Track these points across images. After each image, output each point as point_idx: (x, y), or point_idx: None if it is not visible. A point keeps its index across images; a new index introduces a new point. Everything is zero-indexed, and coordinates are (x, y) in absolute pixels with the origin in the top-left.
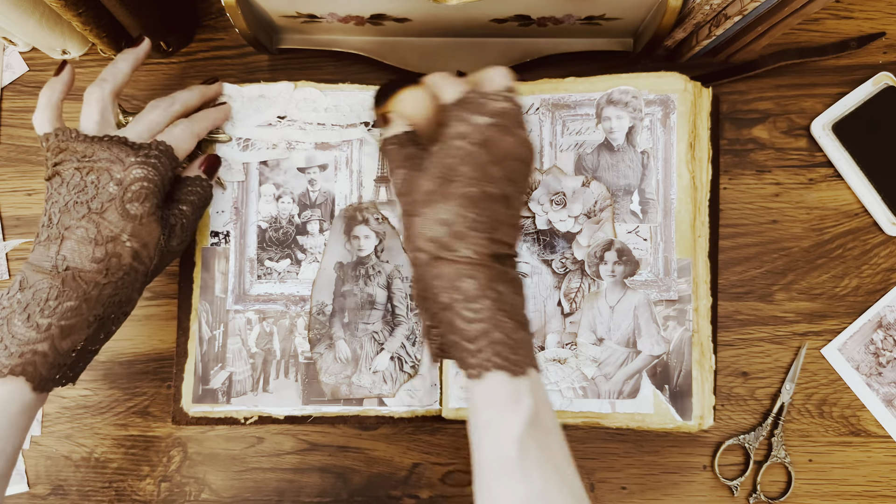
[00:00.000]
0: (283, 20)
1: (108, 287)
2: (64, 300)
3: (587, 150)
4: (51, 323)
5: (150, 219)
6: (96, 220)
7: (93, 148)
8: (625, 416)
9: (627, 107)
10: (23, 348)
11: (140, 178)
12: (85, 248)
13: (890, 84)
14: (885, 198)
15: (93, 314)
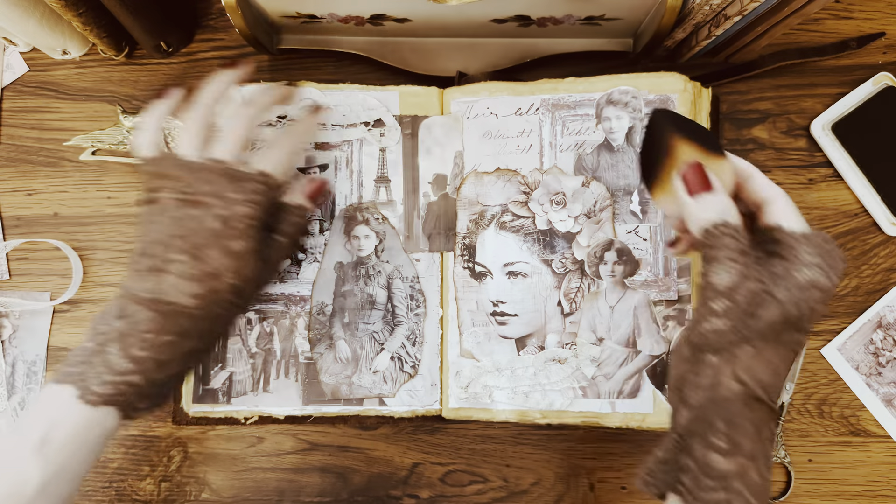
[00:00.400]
0: (283, 20)
1: (205, 321)
2: (162, 334)
3: (587, 151)
4: (147, 356)
5: (251, 255)
6: (197, 254)
7: (194, 176)
8: (625, 416)
9: (627, 107)
10: (116, 378)
11: (243, 215)
12: (185, 283)
13: (889, 84)
14: (884, 198)
15: (188, 347)
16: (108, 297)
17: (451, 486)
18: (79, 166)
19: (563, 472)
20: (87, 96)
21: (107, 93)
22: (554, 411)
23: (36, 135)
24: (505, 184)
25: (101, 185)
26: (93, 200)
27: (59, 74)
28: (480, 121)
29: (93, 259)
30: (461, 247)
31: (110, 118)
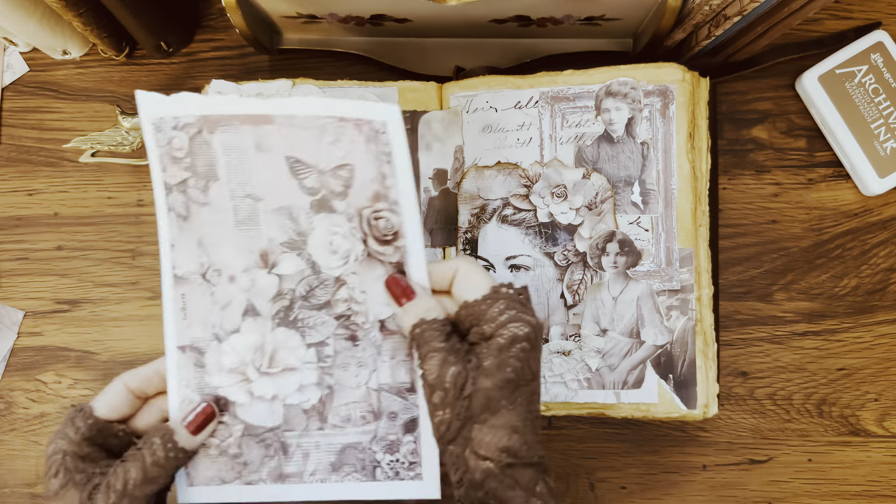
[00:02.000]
0: (283, 20)
1: None
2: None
3: (587, 143)
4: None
5: (71, 488)
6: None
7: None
8: (630, 407)
9: (626, 98)
10: None
11: (50, 454)
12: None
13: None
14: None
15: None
16: (108, 297)
17: (450, 486)
18: (79, 166)
19: (563, 471)
20: (88, 96)
21: (107, 93)
22: (559, 403)
23: (36, 135)
24: (506, 177)
25: (101, 185)
26: (93, 200)
27: (59, 74)
28: (480, 115)
29: (93, 259)
30: (463, 241)
31: (110, 118)
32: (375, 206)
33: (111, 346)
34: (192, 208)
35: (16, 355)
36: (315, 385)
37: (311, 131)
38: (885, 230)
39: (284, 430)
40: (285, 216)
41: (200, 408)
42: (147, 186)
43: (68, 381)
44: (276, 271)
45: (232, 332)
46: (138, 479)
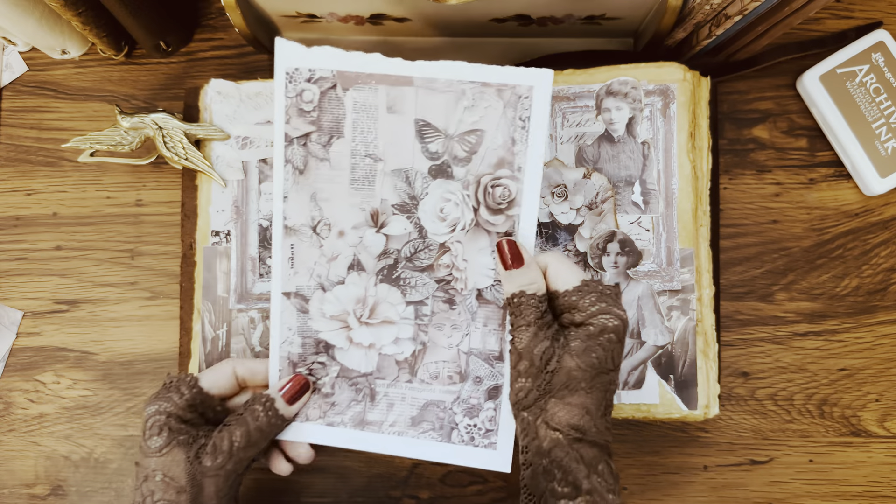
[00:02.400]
0: (283, 20)
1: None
2: None
3: (587, 142)
4: None
5: (175, 449)
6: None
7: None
8: (630, 407)
9: (627, 97)
10: None
11: (151, 413)
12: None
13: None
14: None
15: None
16: (107, 298)
17: (450, 486)
18: (78, 166)
19: None
20: (87, 96)
21: (106, 92)
22: None
23: (35, 134)
24: None
25: (100, 184)
26: (92, 200)
27: (58, 74)
28: None
29: (92, 259)
30: None
31: (110, 118)
32: (497, 172)
33: (110, 346)
34: (311, 163)
35: (14, 356)
36: (410, 339)
37: (448, 95)
38: (887, 230)
39: (376, 378)
40: (401, 179)
41: (298, 381)
42: (146, 186)
43: (67, 382)
44: (385, 231)
45: (337, 284)
46: (242, 442)
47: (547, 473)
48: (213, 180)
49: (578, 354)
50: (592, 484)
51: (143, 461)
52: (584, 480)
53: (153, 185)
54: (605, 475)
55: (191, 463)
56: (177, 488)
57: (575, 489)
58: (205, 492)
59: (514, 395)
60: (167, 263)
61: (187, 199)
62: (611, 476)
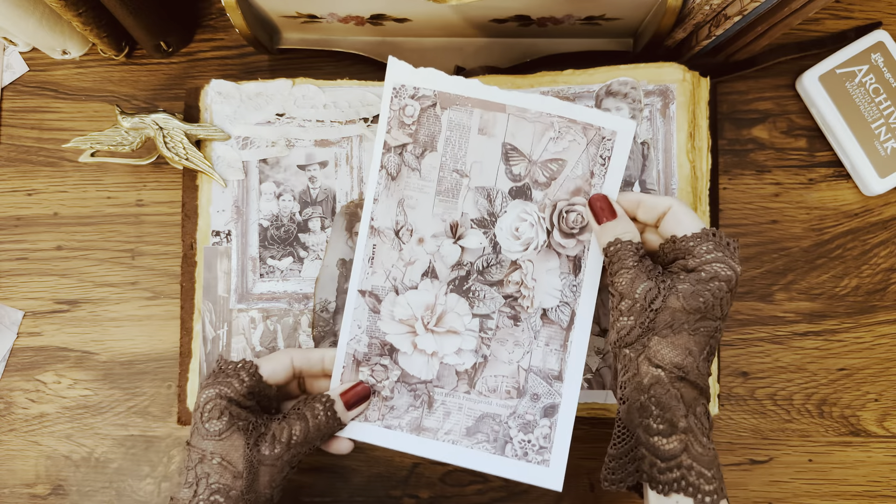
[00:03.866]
0: (283, 20)
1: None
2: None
3: None
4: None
5: (233, 434)
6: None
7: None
8: None
9: (627, 98)
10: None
11: (209, 397)
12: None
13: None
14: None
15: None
16: (108, 297)
17: (450, 486)
18: (78, 166)
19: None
20: (87, 96)
21: (107, 93)
22: None
23: (36, 135)
24: None
25: (100, 185)
26: (92, 200)
27: (58, 74)
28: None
29: (93, 259)
30: None
31: (110, 118)
32: (572, 199)
33: (111, 346)
34: (403, 171)
35: (15, 355)
36: (472, 351)
37: (537, 125)
38: (886, 230)
39: (435, 386)
40: (483, 196)
41: (360, 388)
42: (147, 186)
43: (68, 382)
44: (462, 243)
45: (410, 288)
46: (301, 437)
47: (644, 409)
48: (214, 180)
49: (685, 296)
50: (689, 424)
51: (198, 443)
52: (682, 419)
53: (154, 186)
54: (702, 417)
55: (249, 449)
56: (233, 473)
57: (671, 427)
58: (260, 479)
59: (615, 333)
60: (168, 263)
61: (188, 199)
62: (707, 420)
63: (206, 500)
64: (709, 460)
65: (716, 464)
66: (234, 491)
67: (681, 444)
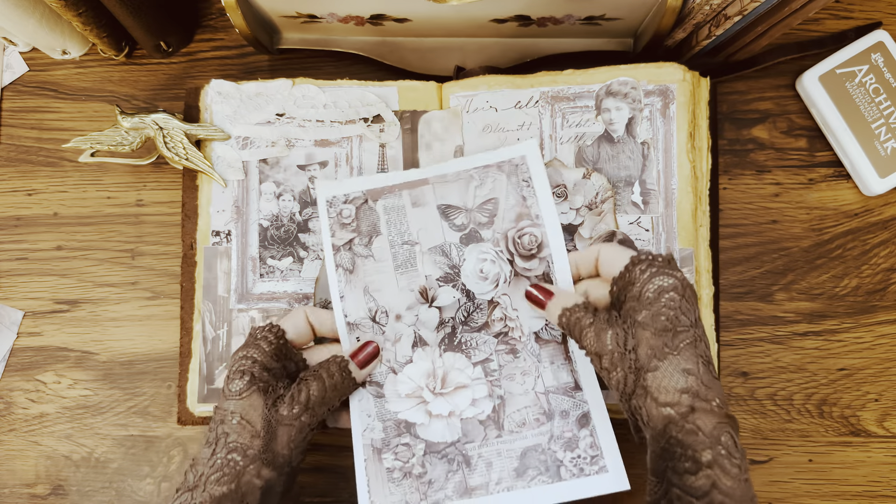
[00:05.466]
0: (283, 20)
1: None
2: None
3: (587, 142)
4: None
5: (253, 394)
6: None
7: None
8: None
9: (627, 98)
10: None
11: (238, 357)
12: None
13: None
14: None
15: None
16: (108, 297)
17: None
18: (78, 166)
19: None
20: (87, 96)
21: (106, 93)
22: None
23: (36, 135)
24: None
25: (100, 185)
26: (92, 200)
27: (58, 74)
28: (480, 115)
29: (92, 259)
30: None
31: (110, 118)
32: (519, 224)
33: (111, 346)
34: (357, 262)
35: (15, 355)
36: (486, 397)
37: (459, 182)
38: (886, 230)
39: (465, 443)
40: (439, 254)
41: (370, 348)
42: (147, 186)
43: (68, 382)
44: (436, 304)
45: (405, 364)
46: (318, 397)
47: (665, 454)
48: (214, 180)
49: (647, 323)
50: (713, 456)
51: (222, 404)
52: (705, 453)
53: (154, 186)
54: (730, 447)
55: (268, 409)
56: (252, 432)
57: (696, 463)
58: (278, 439)
59: (615, 390)
60: (168, 263)
61: (188, 200)
62: (735, 447)
63: (223, 459)
64: (741, 494)
65: (750, 495)
66: (252, 450)
67: (708, 480)
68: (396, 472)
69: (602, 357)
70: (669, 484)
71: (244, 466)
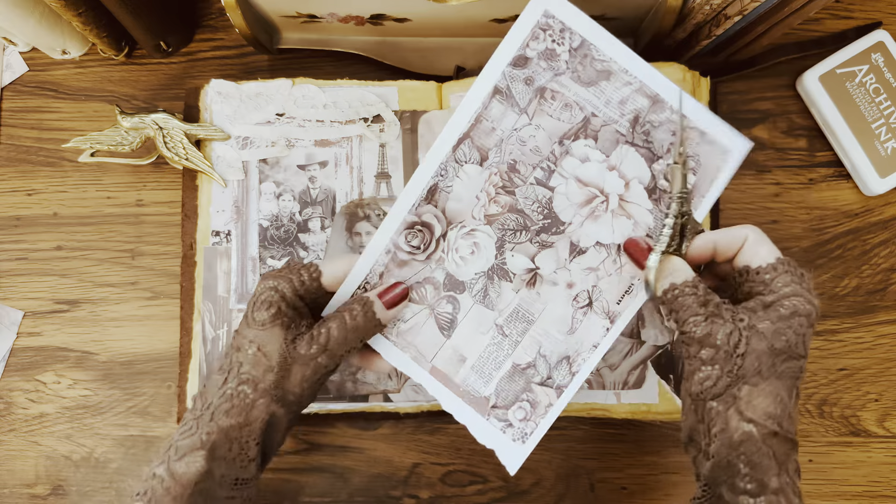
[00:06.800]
0: (283, 20)
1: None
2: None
3: None
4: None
5: (276, 327)
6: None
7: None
8: (630, 407)
9: None
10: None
11: (265, 288)
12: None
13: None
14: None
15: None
16: (107, 297)
17: (450, 486)
18: (78, 166)
19: (563, 472)
20: (87, 96)
21: (106, 92)
22: None
23: (35, 135)
24: None
25: (100, 185)
26: (92, 200)
27: (58, 74)
28: None
29: (92, 259)
30: None
31: (110, 118)
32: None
33: (110, 346)
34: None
35: (15, 355)
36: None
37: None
38: (886, 230)
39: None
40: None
41: (399, 289)
42: (147, 186)
43: (68, 382)
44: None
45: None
46: (339, 338)
47: (730, 467)
48: (214, 180)
49: (768, 337)
50: (781, 483)
51: (242, 330)
52: (774, 478)
53: (153, 186)
54: (794, 476)
55: (286, 345)
56: (266, 366)
57: (761, 487)
58: (291, 377)
59: (697, 385)
60: (167, 263)
61: (188, 199)
62: (798, 477)
63: (233, 390)
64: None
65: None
66: (263, 384)
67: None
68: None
69: (704, 347)
70: (720, 499)
71: (254, 400)
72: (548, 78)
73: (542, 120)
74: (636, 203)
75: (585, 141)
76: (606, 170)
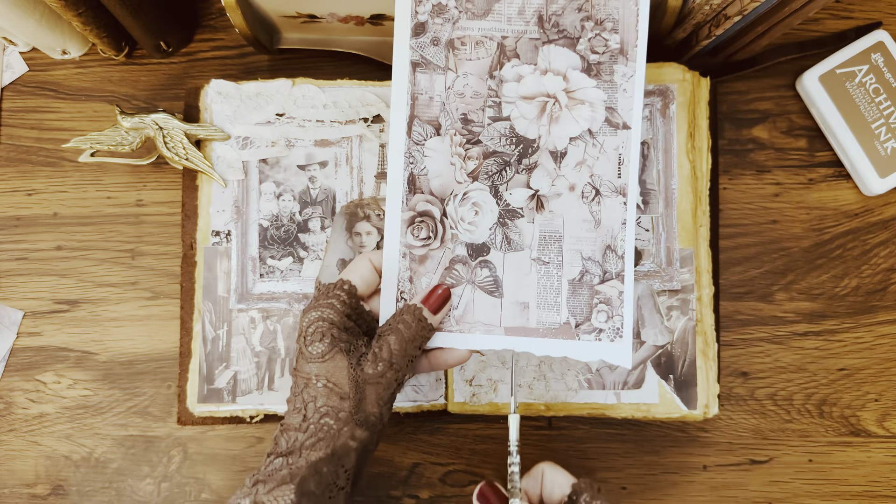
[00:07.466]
0: (283, 20)
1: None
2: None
3: None
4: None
5: (337, 355)
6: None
7: None
8: (630, 407)
9: None
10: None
11: (314, 319)
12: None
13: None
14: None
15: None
16: (107, 297)
17: (451, 486)
18: (78, 166)
19: None
20: (87, 96)
21: (106, 93)
22: (559, 403)
23: (35, 135)
24: None
25: (100, 185)
26: (92, 200)
27: (58, 74)
28: None
29: (92, 259)
30: None
31: (110, 118)
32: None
33: (111, 346)
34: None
35: (15, 355)
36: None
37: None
38: (886, 230)
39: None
40: None
41: (440, 290)
42: (147, 186)
43: (68, 382)
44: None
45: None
46: (399, 350)
47: None
48: (214, 180)
49: None
50: None
51: (303, 367)
52: None
53: (154, 186)
54: None
55: (353, 369)
56: (340, 394)
57: None
58: (367, 399)
59: None
60: (168, 263)
61: (188, 199)
62: None
63: (316, 424)
64: None
65: None
66: (343, 412)
67: None
68: None
69: None
70: None
71: (338, 430)
72: (449, 30)
73: (465, 67)
74: (581, 87)
75: (510, 63)
76: (541, 76)
